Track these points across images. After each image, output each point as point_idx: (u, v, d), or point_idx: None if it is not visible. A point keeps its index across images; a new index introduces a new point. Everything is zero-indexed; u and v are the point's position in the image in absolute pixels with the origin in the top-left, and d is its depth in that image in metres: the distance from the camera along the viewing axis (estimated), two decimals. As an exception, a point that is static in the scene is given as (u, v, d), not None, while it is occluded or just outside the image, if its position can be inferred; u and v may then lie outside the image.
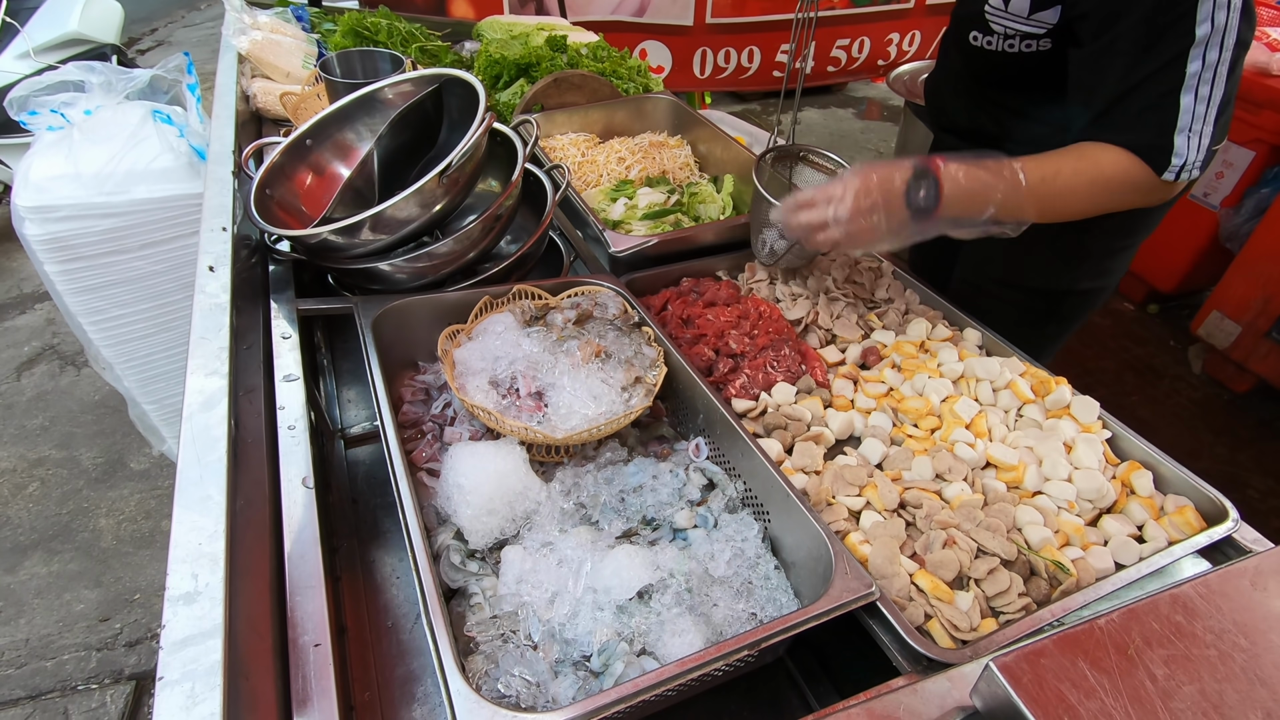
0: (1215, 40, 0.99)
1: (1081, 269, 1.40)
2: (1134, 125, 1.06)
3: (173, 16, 8.49)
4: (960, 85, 1.43)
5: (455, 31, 2.53)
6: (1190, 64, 1.00)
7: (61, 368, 2.95)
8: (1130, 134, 1.07)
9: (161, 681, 0.49)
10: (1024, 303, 1.47)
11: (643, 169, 1.86)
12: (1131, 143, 1.06)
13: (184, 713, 0.47)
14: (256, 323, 1.10)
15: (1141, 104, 1.05)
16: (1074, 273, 1.41)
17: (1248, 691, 0.58)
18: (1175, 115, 1.03)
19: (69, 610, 2.00)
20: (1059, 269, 1.40)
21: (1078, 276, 1.41)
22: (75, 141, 1.64)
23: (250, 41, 1.87)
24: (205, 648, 0.51)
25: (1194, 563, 0.96)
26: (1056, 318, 1.49)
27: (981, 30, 1.24)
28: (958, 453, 1.05)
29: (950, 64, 1.46)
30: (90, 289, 1.72)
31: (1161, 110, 1.03)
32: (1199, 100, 1.02)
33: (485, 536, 0.95)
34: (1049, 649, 0.61)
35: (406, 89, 1.42)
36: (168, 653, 0.51)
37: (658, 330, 1.21)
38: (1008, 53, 1.23)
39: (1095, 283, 1.42)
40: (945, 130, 1.55)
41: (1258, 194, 2.54)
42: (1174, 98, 1.02)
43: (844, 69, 3.38)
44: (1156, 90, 1.03)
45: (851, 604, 0.80)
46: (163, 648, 0.51)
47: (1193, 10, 0.97)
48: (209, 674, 0.50)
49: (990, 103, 1.37)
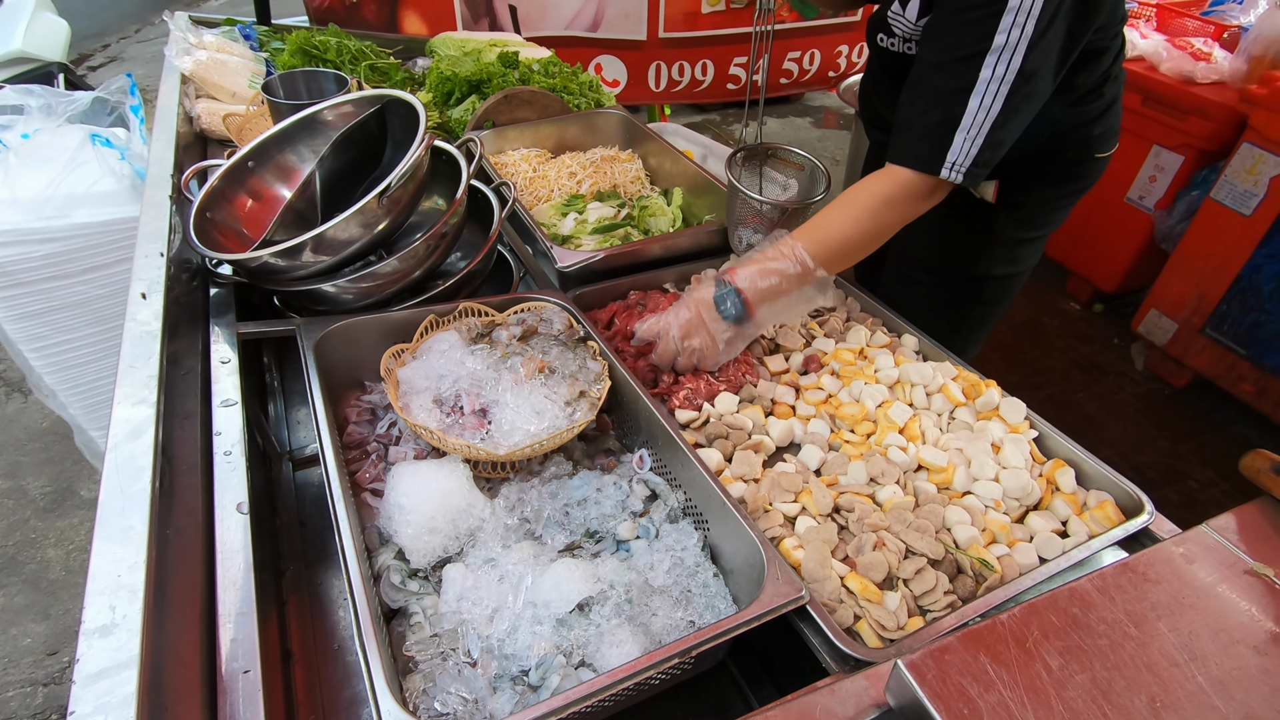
0: (1010, 52, 1.04)
1: (994, 256, 1.50)
2: (918, 119, 1.13)
3: (125, 32, 8.34)
4: (879, 85, 1.54)
5: (407, 48, 2.53)
6: (983, 69, 1.06)
7: (8, 395, 2.87)
8: (912, 130, 1.14)
9: (73, 716, 0.49)
10: (950, 288, 1.58)
11: (594, 183, 1.88)
12: (907, 146, 1.14)
13: (95, 747, 0.48)
14: (195, 348, 1.09)
15: (932, 96, 1.11)
16: (988, 260, 1.51)
17: (1135, 677, 0.61)
18: (960, 114, 1.08)
19: (15, 645, 1.94)
20: (974, 257, 1.51)
21: (992, 263, 1.51)
22: (11, 166, 1.61)
23: (194, 62, 1.86)
24: (119, 679, 0.51)
25: (1114, 554, 1.00)
26: (980, 301, 1.58)
27: (886, 32, 1.33)
28: (891, 456, 1.09)
29: (871, 66, 1.57)
30: (30, 315, 1.69)
31: (948, 107, 1.09)
32: (982, 107, 1.07)
33: (427, 555, 0.96)
34: (953, 646, 0.64)
35: (349, 110, 1.43)
36: (80, 686, 0.51)
37: (603, 344, 1.23)
38: (907, 54, 1.32)
39: (1010, 269, 1.52)
40: (875, 127, 1.65)
41: (1188, 196, 2.65)
42: (964, 97, 1.07)
43: (796, 80, 3.45)
44: (951, 86, 1.09)
45: (781, 609, 0.82)
46: (75, 682, 0.51)
47: (996, 19, 1.02)
48: (122, 706, 0.50)
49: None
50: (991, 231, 1.45)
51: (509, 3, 3.03)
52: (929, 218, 1.52)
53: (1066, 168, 1.36)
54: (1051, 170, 1.36)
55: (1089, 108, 1.29)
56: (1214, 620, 0.65)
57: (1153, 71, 2.66)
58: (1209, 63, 2.55)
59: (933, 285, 1.57)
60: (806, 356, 1.31)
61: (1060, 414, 2.71)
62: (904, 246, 1.62)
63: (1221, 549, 0.72)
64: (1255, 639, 0.64)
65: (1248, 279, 2.39)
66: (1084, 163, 1.36)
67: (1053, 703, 0.59)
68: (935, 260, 1.55)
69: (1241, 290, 2.41)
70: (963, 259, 1.52)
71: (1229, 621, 0.65)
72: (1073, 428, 2.71)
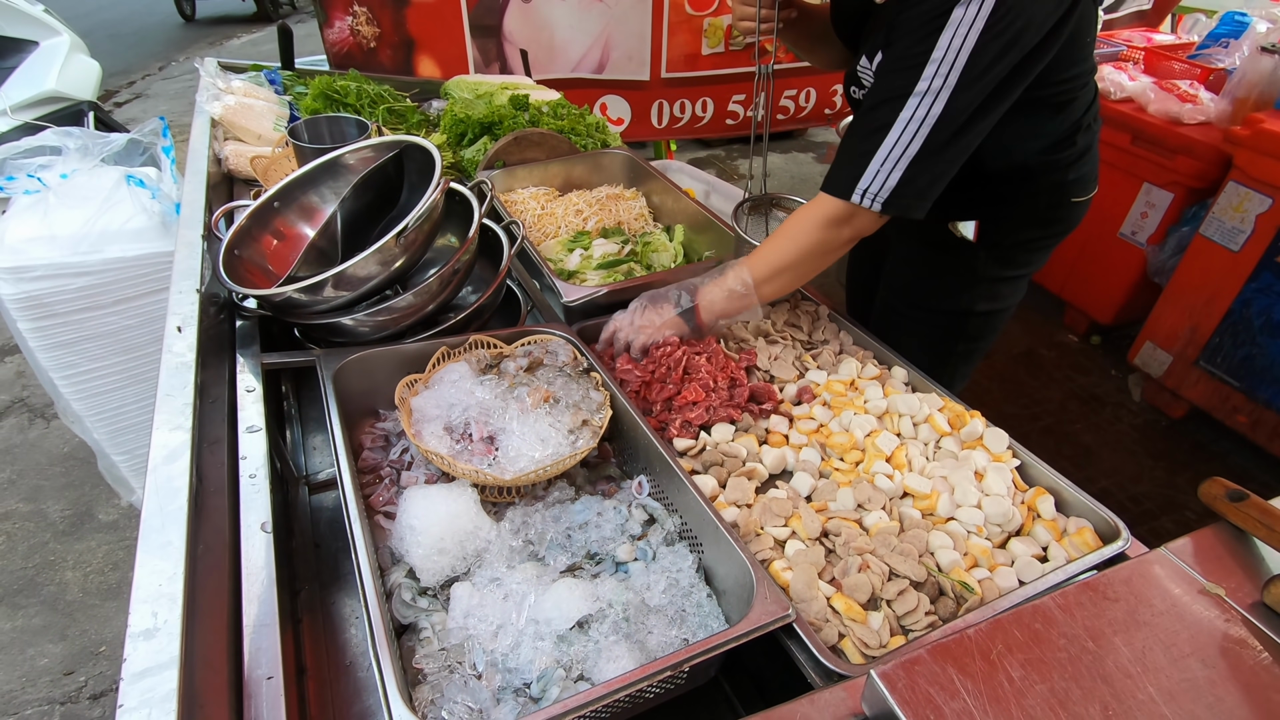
0: (931, 97, 1.12)
1: (976, 293, 1.56)
2: (845, 150, 1.23)
3: (149, 70, 8.63)
4: None
5: (423, 91, 2.66)
6: (904, 109, 1.14)
7: (30, 420, 2.96)
8: (839, 161, 1.25)
9: (121, 709, 0.55)
10: (934, 322, 1.63)
11: (599, 220, 1.96)
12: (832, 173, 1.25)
13: (141, 736, 0.53)
14: (222, 377, 1.16)
15: (861, 132, 1.20)
16: (970, 296, 1.57)
17: (1090, 687, 0.66)
18: (877, 147, 1.17)
19: (32, 665, 1.99)
20: (957, 293, 1.57)
21: (974, 300, 1.57)
22: (51, 205, 1.72)
23: (224, 107, 1.97)
24: (162, 678, 0.57)
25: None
26: (965, 336, 1.64)
27: (857, 85, 1.42)
28: (877, 483, 1.14)
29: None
30: (63, 345, 1.77)
31: (870, 141, 1.18)
32: (899, 144, 1.16)
33: (436, 574, 1.02)
34: (923, 658, 0.70)
35: (369, 154, 1.52)
36: (128, 683, 0.57)
37: (605, 375, 1.29)
38: None
39: (992, 305, 1.58)
40: None
41: (1179, 232, 2.72)
42: (883, 132, 1.16)
43: (793, 117, 3.58)
44: (874, 122, 1.18)
45: (770, 626, 0.87)
46: (123, 679, 0.57)
47: (920, 66, 1.12)
48: (164, 701, 0.56)
49: None
50: (973, 269, 1.51)
51: (520, 47, 3.17)
52: (915, 254, 1.61)
53: (1042, 212, 1.43)
54: (1028, 214, 1.44)
55: (1062, 155, 1.36)
56: (1166, 635, 0.70)
57: (1141, 112, 2.75)
58: (1195, 104, 2.64)
59: (918, 320, 1.64)
60: (800, 388, 1.37)
61: (1057, 444, 2.75)
62: (892, 282, 1.70)
63: (1178, 570, 0.77)
64: (1204, 653, 0.69)
65: (1238, 313, 2.44)
66: (1060, 207, 1.43)
67: (1013, 710, 0.64)
68: (921, 295, 1.62)
69: (1233, 324, 2.46)
70: (946, 295, 1.58)
71: (1180, 637, 0.70)
72: (1070, 458, 2.75)
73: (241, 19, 10.77)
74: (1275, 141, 2.26)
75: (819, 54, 1.64)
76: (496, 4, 3.09)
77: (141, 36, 10.03)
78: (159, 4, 11.27)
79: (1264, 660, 0.68)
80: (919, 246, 1.59)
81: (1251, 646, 0.69)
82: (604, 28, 3.19)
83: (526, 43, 3.20)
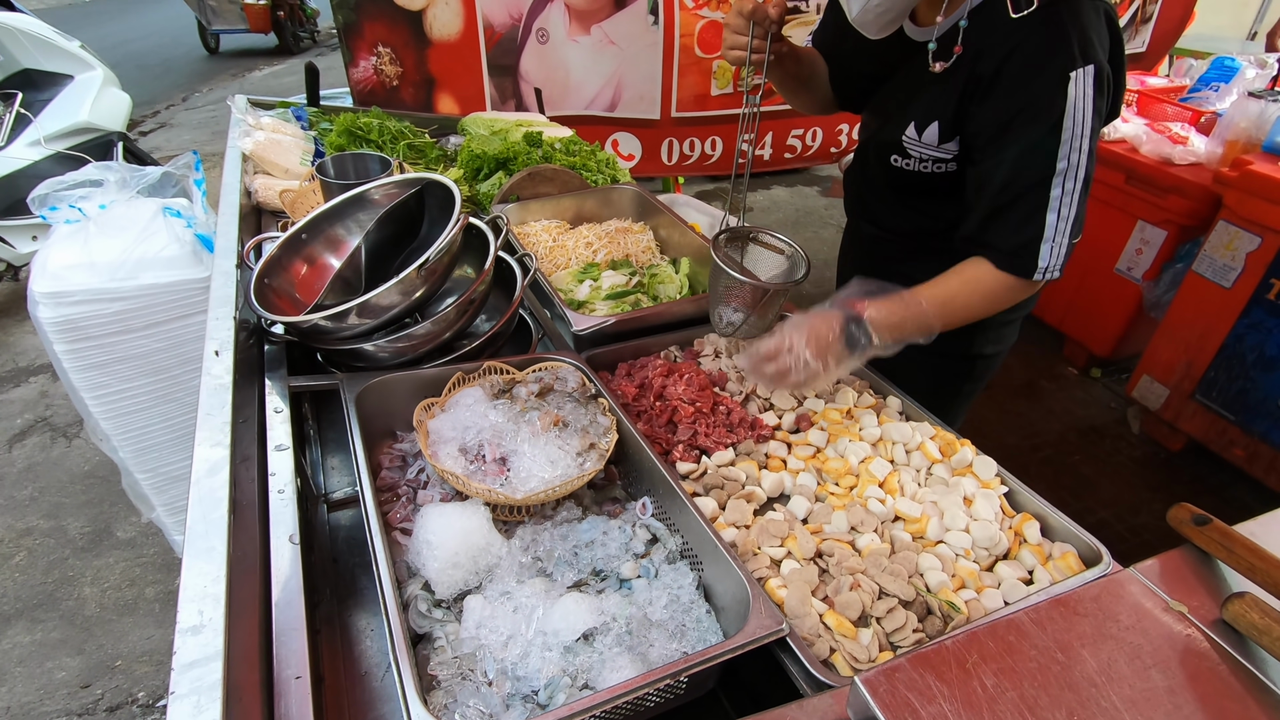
0: (1072, 173, 1.24)
1: (985, 337, 1.63)
2: (1009, 235, 1.31)
3: (173, 100, 8.92)
4: (885, 194, 1.69)
5: (441, 127, 2.78)
6: (1052, 190, 1.25)
7: (53, 439, 3.05)
8: (1005, 244, 1.32)
9: (173, 696, 0.61)
10: (944, 366, 1.68)
11: (608, 253, 2.05)
12: (1004, 254, 1.32)
13: (192, 718, 0.59)
14: (253, 398, 1.24)
15: (1017, 217, 1.29)
16: (980, 340, 1.64)
17: (1057, 695, 0.71)
18: (1041, 229, 1.27)
19: (50, 678, 2.04)
20: (965, 338, 1.62)
21: (983, 344, 1.64)
22: (91, 234, 1.82)
23: (254, 143, 2.08)
24: (208, 669, 0.63)
25: (1074, 602, 1.10)
26: (970, 378, 1.71)
27: (901, 155, 1.49)
28: (870, 507, 1.20)
29: (872, 175, 1.70)
30: (95, 366, 1.86)
31: (1032, 224, 1.28)
32: (1059, 219, 1.27)
33: (450, 587, 1.07)
34: (904, 666, 0.75)
35: (392, 190, 1.61)
36: (178, 673, 0.63)
37: (612, 401, 1.36)
38: (921, 172, 1.49)
39: (995, 348, 1.66)
40: (865, 220, 1.80)
41: (1173, 268, 2.79)
42: (1041, 214, 1.26)
43: (800, 155, 3.69)
44: (1028, 206, 1.27)
45: (764, 639, 0.92)
46: (174, 669, 0.63)
47: (1054, 149, 1.22)
48: (211, 690, 0.62)
49: (907, 208, 1.64)
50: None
51: (535, 85, 3.31)
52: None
53: None
54: None
55: None
56: (1130, 648, 0.75)
57: (1134, 153, 2.84)
58: (1185, 146, 2.73)
59: (927, 365, 1.62)
60: (798, 415, 1.43)
61: (1057, 475, 2.79)
62: None
63: (1144, 588, 0.83)
64: (1165, 665, 0.74)
65: (1232, 348, 2.49)
66: None
67: (985, 715, 0.69)
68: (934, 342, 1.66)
69: (1227, 358, 2.52)
70: (955, 339, 1.58)
71: (1143, 650, 0.75)
72: (1069, 489, 2.79)
73: (263, 52, 11.13)
74: (1263, 183, 2.34)
75: (802, 97, 1.69)
76: (514, 45, 3.24)
77: (167, 68, 10.37)
78: (185, 37, 11.68)
79: (1220, 672, 0.73)
80: None
81: (1210, 659, 0.75)
82: (616, 68, 3.32)
83: (542, 82, 3.33)
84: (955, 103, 1.32)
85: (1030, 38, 1.21)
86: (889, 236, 1.72)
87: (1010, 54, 1.22)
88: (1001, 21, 1.23)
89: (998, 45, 1.24)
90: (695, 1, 3.16)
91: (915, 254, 1.70)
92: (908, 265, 1.69)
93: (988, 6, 1.26)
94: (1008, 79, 1.23)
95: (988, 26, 1.26)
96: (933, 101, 1.37)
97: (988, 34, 1.25)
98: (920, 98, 1.40)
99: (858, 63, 1.55)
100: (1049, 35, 1.20)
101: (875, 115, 1.60)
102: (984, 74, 1.26)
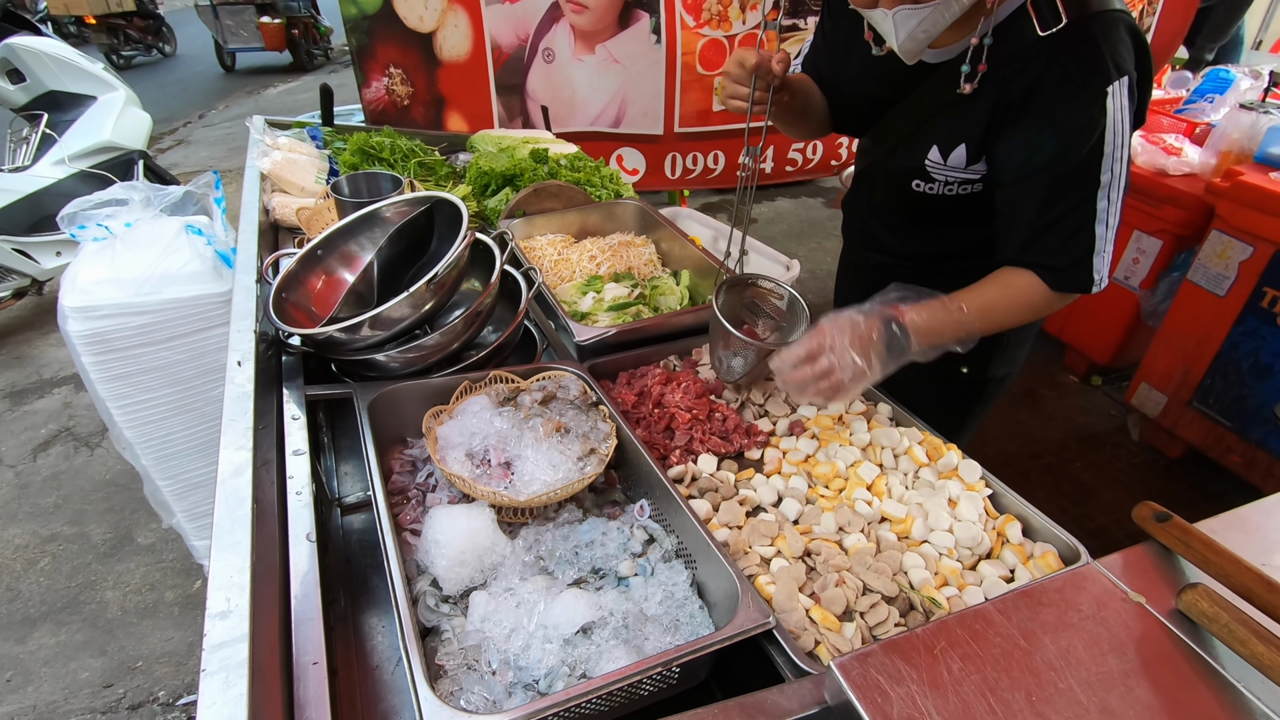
0: (1115, 184, 1.25)
1: (1001, 359, 1.65)
2: (1059, 252, 1.31)
3: (190, 117, 9.12)
4: (895, 221, 1.68)
5: (451, 145, 2.87)
6: (1099, 203, 1.26)
7: (76, 449, 3.14)
8: (1057, 262, 1.32)
9: (204, 672, 0.68)
10: (955, 391, 1.70)
11: (611, 266, 2.11)
12: (1058, 272, 1.32)
13: (221, 692, 0.66)
14: (272, 406, 1.31)
15: (1065, 233, 1.30)
16: (994, 363, 1.66)
17: (1018, 677, 0.76)
18: (1093, 242, 1.28)
19: (74, 678, 2.11)
20: (982, 361, 1.63)
21: (997, 366, 1.66)
22: (117, 250, 1.91)
23: (272, 162, 2.17)
24: (235, 649, 0.70)
25: (1052, 599, 1.15)
26: (980, 400, 1.73)
27: (924, 179, 1.47)
28: (857, 509, 1.25)
29: (880, 203, 1.70)
30: (119, 377, 1.94)
31: (1082, 239, 1.29)
32: (1107, 229, 1.29)
33: (457, 584, 1.14)
34: (876, 652, 0.81)
35: (403, 208, 1.69)
36: (208, 653, 0.69)
37: (612, 409, 1.42)
38: (945, 195, 1.47)
39: (1007, 369, 1.68)
40: (872, 250, 1.78)
41: (1169, 277, 2.82)
42: (1090, 228, 1.27)
43: (801, 168, 3.76)
44: (1076, 222, 1.28)
45: (751, 631, 0.98)
46: (204, 650, 0.70)
47: (1097, 163, 1.23)
48: (238, 667, 0.68)
49: (923, 232, 1.64)
50: (998, 337, 1.55)
51: (541, 103, 3.40)
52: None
53: None
54: None
55: None
56: (1089, 636, 0.81)
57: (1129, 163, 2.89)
58: (1179, 157, 2.78)
59: (939, 391, 1.62)
60: (791, 422, 1.49)
61: (1056, 482, 2.82)
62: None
63: (1106, 581, 0.88)
64: (1121, 650, 0.79)
65: (1227, 355, 2.53)
66: None
67: (949, 695, 0.75)
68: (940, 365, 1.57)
69: (1223, 365, 2.55)
70: (974, 364, 1.62)
71: (1101, 637, 0.80)
72: (1069, 495, 2.82)
73: (278, 69, 11.36)
74: (1254, 193, 2.38)
75: (799, 127, 1.67)
76: (521, 64, 3.33)
77: (184, 86, 10.61)
78: (202, 56, 11.95)
79: (1173, 657, 0.78)
80: None
81: (1163, 646, 0.80)
82: (620, 86, 3.41)
83: (548, 100, 3.43)
84: (984, 123, 1.31)
85: (1062, 56, 1.19)
86: (899, 262, 1.71)
87: (1043, 73, 1.21)
88: (1029, 39, 1.21)
89: (1028, 64, 1.22)
90: (697, 21, 3.24)
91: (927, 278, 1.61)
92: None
93: (1013, 24, 1.23)
94: (1043, 99, 1.22)
95: (1014, 44, 1.23)
96: (958, 123, 1.35)
97: (1014, 52, 1.23)
98: (940, 120, 1.38)
99: (863, 87, 1.52)
100: (1083, 53, 1.18)
101: (882, 140, 1.57)
102: (1015, 93, 1.25)
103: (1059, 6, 1.19)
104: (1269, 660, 0.72)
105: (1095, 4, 1.19)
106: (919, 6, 1.17)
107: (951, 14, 1.20)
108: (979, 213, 1.47)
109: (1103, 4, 1.19)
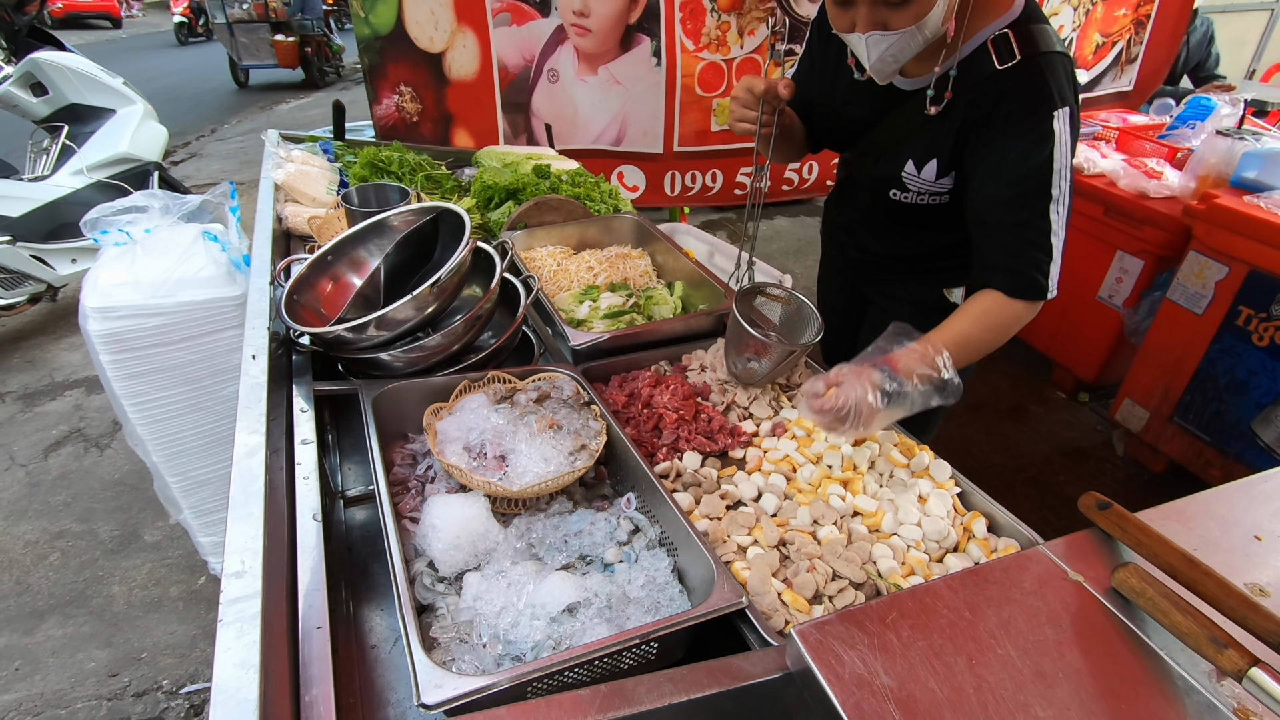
0: (1062, 199, 1.41)
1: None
2: (1019, 254, 1.44)
3: (203, 131, 9.31)
4: (877, 224, 1.85)
5: (457, 160, 2.97)
6: (1051, 216, 1.41)
7: (85, 449, 3.23)
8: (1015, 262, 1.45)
9: (221, 623, 0.75)
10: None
11: (608, 276, 2.20)
12: (1017, 278, 1.44)
13: (236, 640, 0.73)
14: (282, 400, 1.39)
15: (1026, 239, 1.43)
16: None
17: (961, 644, 0.84)
18: (1049, 246, 1.42)
19: (81, 668, 2.18)
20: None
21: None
22: (137, 255, 2.00)
23: (285, 174, 2.27)
24: (249, 604, 0.77)
25: (1013, 589, 1.21)
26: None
27: (900, 189, 1.66)
28: (831, 503, 1.33)
29: (863, 207, 1.87)
30: (134, 376, 2.03)
31: (1039, 243, 1.42)
32: (1060, 241, 1.43)
33: (452, 567, 1.21)
34: (833, 621, 0.88)
35: (409, 217, 1.78)
36: (225, 606, 0.77)
37: (603, 408, 1.50)
38: (918, 205, 1.66)
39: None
40: (852, 248, 1.97)
41: (1151, 296, 2.90)
42: (1047, 236, 1.42)
43: (797, 188, 3.87)
44: (1036, 228, 1.42)
45: (725, 609, 1.05)
46: (222, 603, 0.77)
47: (1049, 177, 1.38)
48: (252, 619, 0.75)
49: (900, 237, 1.81)
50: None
51: (545, 121, 3.52)
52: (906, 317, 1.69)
53: None
54: None
55: None
56: (1029, 610, 0.88)
57: (1112, 186, 2.99)
58: (1160, 180, 2.87)
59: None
60: (775, 424, 1.56)
61: (1041, 495, 2.88)
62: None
63: (1049, 563, 0.95)
64: (1057, 621, 0.86)
65: (1205, 372, 2.60)
66: None
67: (897, 658, 0.82)
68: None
69: (1201, 382, 2.62)
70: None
71: (1040, 610, 0.87)
72: (1052, 508, 2.87)
73: (290, 86, 11.59)
74: (1228, 215, 2.47)
75: (783, 150, 1.81)
76: (526, 84, 3.46)
77: (199, 100, 10.83)
78: (216, 72, 12.20)
79: (1104, 629, 0.85)
80: (911, 309, 1.76)
81: (1097, 619, 0.87)
82: (621, 106, 3.53)
83: (552, 118, 3.55)
84: (953, 142, 1.49)
85: (1016, 85, 1.38)
86: (877, 260, 1.91)
87: (1000, 99, 1.39)
88: (988, 72, 1.40)
89: (988, 91, 1.41)
90: (696, 45, 3.37)
91: (901, 276, 1.87)
92: (888, 285, 1.92)
93: (976, 59, 1.43)
94: (1001, 120, 1.40)
95: (976, 76, 1.42)
96: (930, 141, 1.53)
97: (977, 82, 1.42)
98: (915, 138, 1.56)
99: (849, 109, 1.71)
100: (1033, 82, 1.37)
101: (864, 155, 1.75)
102: (978, 116, 1.43)
103: (1013, 45, 1.38)
104: (1185, 628, 0.79)
105: (1043, 44, 1.38)
106: (887, 34, 1.33)
107: (916, 44, 1.36)
108: (946, 221, 1.64)
109: (1049, 45, 1.38)
